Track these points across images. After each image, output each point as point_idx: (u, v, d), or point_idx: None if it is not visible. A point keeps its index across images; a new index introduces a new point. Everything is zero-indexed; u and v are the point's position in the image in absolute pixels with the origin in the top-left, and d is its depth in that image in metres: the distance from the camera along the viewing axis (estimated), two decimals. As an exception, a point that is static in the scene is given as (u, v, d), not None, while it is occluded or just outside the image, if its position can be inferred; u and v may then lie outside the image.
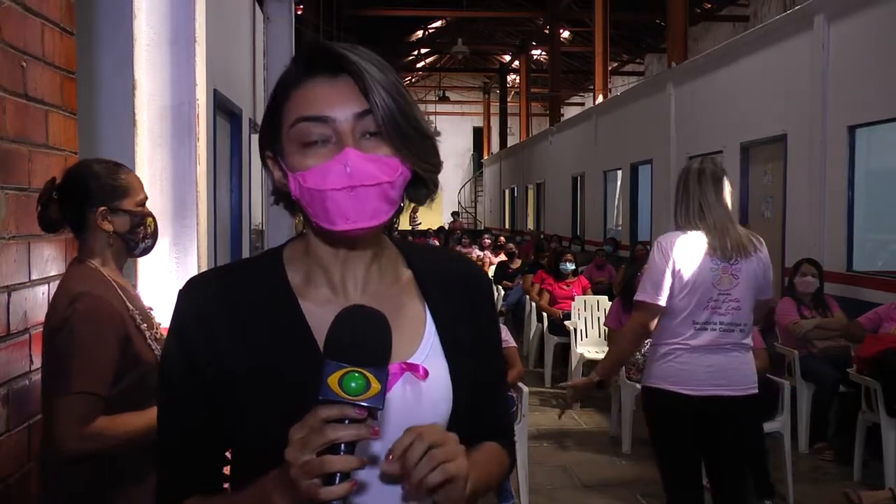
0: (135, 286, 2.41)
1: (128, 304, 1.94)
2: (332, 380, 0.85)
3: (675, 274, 2.84)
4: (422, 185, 1.05)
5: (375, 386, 0.85)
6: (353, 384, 0.84)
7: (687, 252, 2.84)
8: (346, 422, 0.84)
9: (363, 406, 0.85)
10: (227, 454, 1.07)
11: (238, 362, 1.00)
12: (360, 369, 0.85)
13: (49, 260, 2.25)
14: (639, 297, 2.93)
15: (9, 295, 2.03)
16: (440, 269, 1.14)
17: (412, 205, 1.08)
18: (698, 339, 2.83)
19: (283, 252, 1.09)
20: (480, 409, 1.12)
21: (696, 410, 2.84)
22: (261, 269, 1.08)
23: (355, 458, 0.84)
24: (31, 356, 2.14)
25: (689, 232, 2.87)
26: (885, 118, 6.02)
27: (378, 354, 0.88)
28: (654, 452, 3.07)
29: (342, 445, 0.84)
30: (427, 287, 1.10)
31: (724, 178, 2.91)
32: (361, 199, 0.95)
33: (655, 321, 2.92)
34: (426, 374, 1.01)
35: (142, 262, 2.64)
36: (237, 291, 1.04)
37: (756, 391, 2.91)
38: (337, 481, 0.84)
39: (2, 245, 1.98)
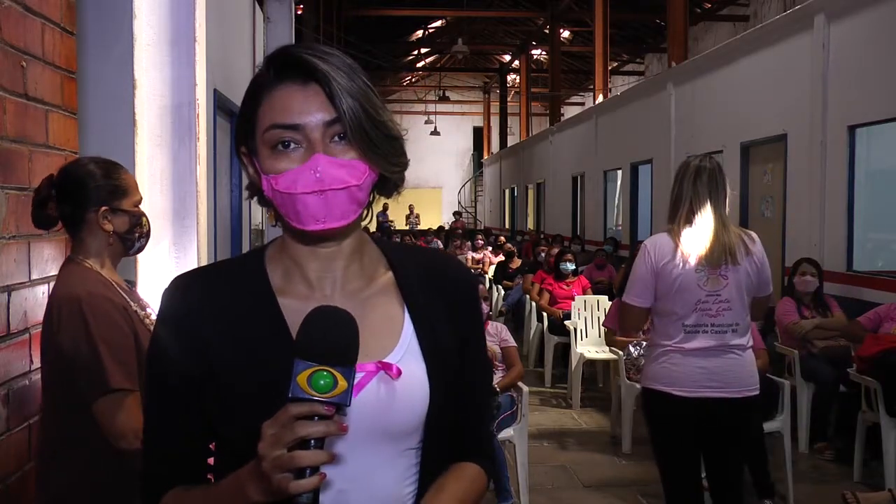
0: (134, 284, 2.41)
1: (129, 300, 1.95)
2: (302, 378, 0.89)
3: (658, 276, 2.84)
4: (389, 181, 1.09)
5: (342, 384, 0.89)
6: (321, 382, 0.88)
7: (671, 254, 2.82)
8: (316, 418, 0.88)
9: (331, 403, 0.89)
10: (211, 446, 1.11)
11: (220, 358, 1.04)
12: (327, 368, 0.89)
13: (49, 260, 2.25)
14: (624, 299, 2.97)
15: (9, 295, 2.03)
16: (422, 271, 1.15)
17: (382, 200, 1.13)
18: (691, 343, 2.82)
19: (265, 251, 1.13)
20: (462, 420, 1.14)
21: (692, 412, 2.83)
22: (243, 268, 1.12)
23: (324, 452, 0.89)
24: (31, 356, 2.14)
25: (676, 234, 2.85)
26: (885, 118, 6.02)
27: (345, 354, 0.91)
28: (653, 453, 3.08)
29: (311, 441, 0.88)
30: (407, 288, 1.12)
31: (722, 178, 2.88)
32: (331, 202, 1.00)
33: (643, 322, 2.98)
34: (399, 373, 1.04)
35: (141, 262, 2.64)
36: (220, 290, 1.08)
37: (755, 393, 2.87)
38: (307, 475, 0.88)
39: (2, 245, 1.99)
